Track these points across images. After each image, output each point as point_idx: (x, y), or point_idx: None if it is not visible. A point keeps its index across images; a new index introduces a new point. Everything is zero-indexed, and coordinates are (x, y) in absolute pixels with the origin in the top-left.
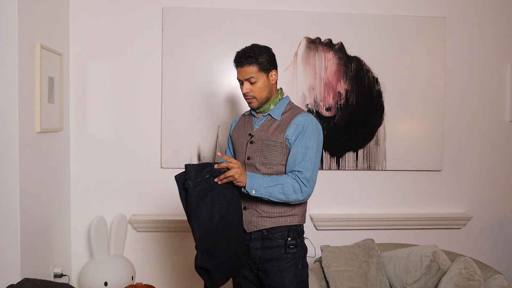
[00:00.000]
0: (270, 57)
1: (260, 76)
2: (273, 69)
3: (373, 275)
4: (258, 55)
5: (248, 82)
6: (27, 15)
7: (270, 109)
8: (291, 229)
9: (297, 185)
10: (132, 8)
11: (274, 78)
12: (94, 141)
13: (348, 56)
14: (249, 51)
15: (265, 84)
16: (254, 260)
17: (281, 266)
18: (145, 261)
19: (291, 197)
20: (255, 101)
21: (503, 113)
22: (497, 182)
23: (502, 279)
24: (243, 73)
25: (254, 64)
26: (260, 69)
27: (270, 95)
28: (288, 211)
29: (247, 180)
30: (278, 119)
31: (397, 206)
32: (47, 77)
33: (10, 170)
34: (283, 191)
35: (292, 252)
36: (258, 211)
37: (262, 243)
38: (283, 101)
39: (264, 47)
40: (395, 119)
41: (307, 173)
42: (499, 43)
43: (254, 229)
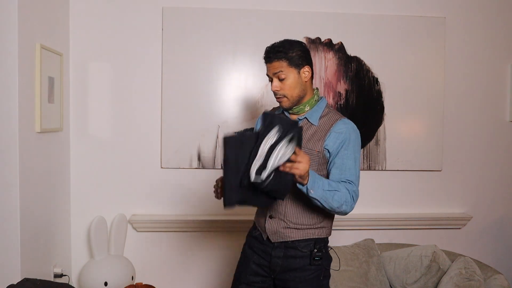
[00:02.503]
0: (303, 51)
1: (290, 72)
2: (305, 65)
3: (373, 275)
4: (288, 50)
5: (277, 79)
6: (27, 15)
7: (305, 111)
8: (317, 240)
9: (349, 198)
10: (132, 8)
11: (307, 75)
12: (94, 141)
13: (348, 56)
14: (279, 46)
15: (296, 81)
16: (274, 268)
17: (303, 277)
18: (145, 261)
19: (341, 208)
20: (285, 100)
21: (503, 113)
22: (497, 182)
23: (502, 279)
24: (271, 68)
25: (283, 59)
26: (289, 64)
27: (302, 94)
28: (317, 223)
29: (310, 177)
30: (315, 124)
31: (397, 206)
32: (47, 77)
33: (10, 170)
34: (336, 199)
35: (317, 264)
36: (286, 222)
37: (285, 252)
38: (320, 104)
39: (296, 41)
40: (395, 119)
41: (356, 188)
42: (499, 43)
43: (280, 240)
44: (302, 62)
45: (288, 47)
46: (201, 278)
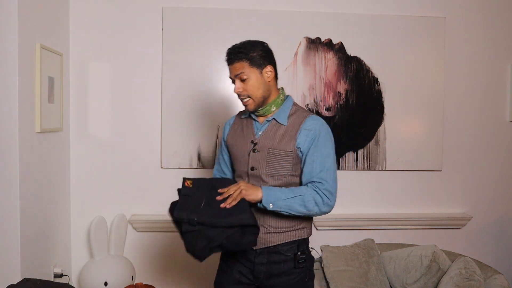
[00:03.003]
0: (264, 51)
1: (251, 72)
2: (267, 65)
3: (373, 275)
4: (249, 50)
5: (239, 80)
6: (27, 15)
7: (272, 111)
8: (300, 243)
9: (319, 198)
10: (132, 8)
11: (269, 75)
12: (94, 141)
13: (348, 56)
14: (239, 46)
15: (258, 81)
16: (258, 275)
17: (288, 282)
18: (145, 261)
19: (313, 210)
20: (250, 101)
21: (503, 113)
22: (497, 182)
23: (502, 279)
24: (233, 70)
25: (244, 59)
26: (251, 65)
27: (267, 94)
28: (298, 225)
29: (262, 193)
30: (284, 123)
31: (397, 206)
32: (47, 77)
33: (10, 170)
34: (304, 204)
35: (301, 266)
36: (266, 227)
37: (268, 258)
38: (286, 103)
39: (258, 42)
40: (395, 119)
41: (328, 185)
42: (499, 43)
43: (262, 246)
44: (264, 62)
45: (249, 48)
46: (201, 278)
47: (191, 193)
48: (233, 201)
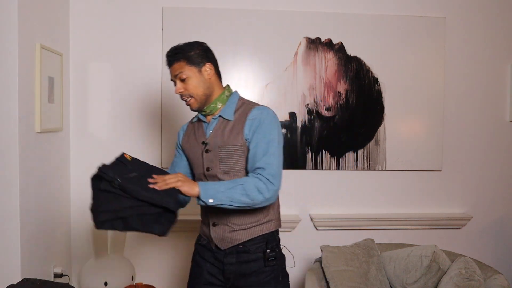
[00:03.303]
0: (202, 50)
1: (190, 71)
2: (206, 63)
3: (373, 275)
4: (186, 50)
5: (179, 80)
6: (27, 15)
7: (218, 109)
8: (269, 239)
9: (261, 184)
10: (132, 8)
11: (209, 72)
12: (94, 141)
13: (348, 56)
14: (176, 48)
15: (198, 80)
16: (228, 276)
17: (260, 281)
18: (145, 261)
19: (257, 199)
20: (193, 100)
21: (503, 113)
22: (497, 182)
23: (502, 279)
24: (172, 71)
25: (181, 59)
26: (189, 64)
27: (209, 92)
28: (263, 218)
29: (199, 188)
30: (231, 119)
31: (397, 206)
32: (47, 77)
33: (10, 170)
34: (246, 192)
35: (271, 264)
36: (230, 225)
37: (237, 258)
38: (232, 99)
39: (195, 42)
40: (395, 119)
41: (272, 169)
42: (499, 43)
43: (229, 245)
44: (202, 60)
45: (186, 48)
46: None
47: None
48: (164, 185)
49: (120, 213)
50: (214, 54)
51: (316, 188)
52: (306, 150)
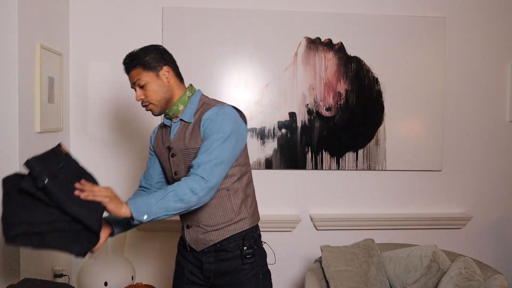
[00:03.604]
0: (158, 53)
1: (147, 77)
2: (163, 66)
3: (373, 275)
4: (142, 55)
5: (139, 87)
6: (27, 15)
7: (181, 111)
8: (245, 236)
9: (195, 184)
10: (132, 8)
11: (167, 75)
12: (94, 141)
13: (348, 56)
14: (132, 54)
15: (156, 84)
16: (208, 275)
17: (239, 279)
18: (145, 261)
19: (191, 200)
20: (153, 107)
21: (503, 113)
22: (497, 182)
23: (502, 279)
24: (131, 78)
25: (137, 65)
26: (145, 69)
27: (168, 96)
28: (235, 217)
29: (130, 208)
30: (191, 121)
31: (397, 206)
32: (47, 77)
33: (10, 170)
34: (178, 198)
35: (250, 262)
36: (202, 227)
37: (216, 256)
38: (193, 99)
39: (150, 46)
40: (395, 119)
41: (207, 165)
42: (499, 43)
43: (204, 247)
44: (158, 64)
45: (141, 54)
46: None
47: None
48: (91, 196)
49: (36, 228)
50: (171, 55)
51: (316, 188)
52: (306, 150)
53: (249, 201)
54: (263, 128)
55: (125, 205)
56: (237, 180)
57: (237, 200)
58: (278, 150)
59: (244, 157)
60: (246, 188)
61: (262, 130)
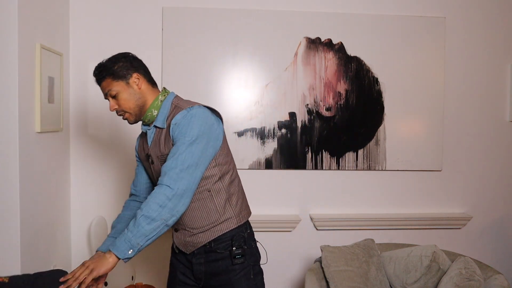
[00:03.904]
0: (127, 61)
1: (118, 86)
2: (133, 74)
3: (373, 275)
4: (110, 66)
5: (111, 98)
6: (27, 15)
7: (155, 116)
8: (234, 237)
9: (161, 196)
10: (132, 8)
11: (138, 82)
12: (94, 141)
13: (348, 56)
14: (100, 65)
15: (128, 93)
16: (198, 276)
17: (230, 280)
18: (145, 261)
19: (164, 214)
20: (127, 115)
21: (503, 113)
22: (497, 182)
23: (502, 279)
24: (102, 89)
25: (107, 76)
26: (115, 79)
27: (141, 103)
28: (220, 218)
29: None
30: (164, 127)
31: (397, 206)
32: (47, 77)
33: (10, 170)
34: (150, 219)
35: (239, 262)
36: (188, 230)
37: (206, 257)
38: (165, 103)
39: (118, 55)
40: (395, 119)
41: (173, 172)
42: (499, 43)
43: (193, 249)
44: (128, 72)
45: (109, 64)
46: None
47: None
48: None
49: None
50: (141, 61)
51: (316, 188)
52: (306, 150)
53: (234, 200)
54: (263, 128)
55: (108, 256)
56: (218, 180)
57: (220, 200)
58: (278, 150)
59: (224, 156)
60: (230, 187)
61: (262, 130)
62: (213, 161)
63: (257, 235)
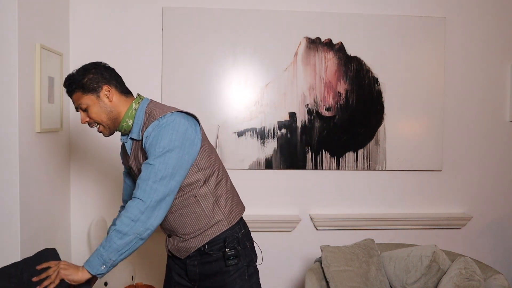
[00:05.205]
0: (96, 73)
1: (88, 100)
2: (103, 86)
3: (373, 275)
4: (79, 78)
5: (82, 111)
6: (27, 15)
7: (130, 126)
8: (227, 238)
9: (133, 210)
10: (132, 8)
11: (109, 94)
12: (94, 141)
13: (348, 56)
14: (69, 77)
15: (98, 106)
16: (193, 278)
17: (224, 281)
18: (145, 261)
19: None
20: (101, 128)
21: (503, 113)
22: (497, 182)
23: (502, 279)
24: (73, 102)
25: (76, 89)
26: (84, 92)
27: (114, 116)
28: (209, 222)
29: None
30: (139, 138)
31: (397, 206)
32: (47, 77)
33: (10, 170)
34: (121, 233)
35: (233, 264)
36: (179, 236)
37: (200, 259)
38: (139, 112)
39: (89, 65)
40: (395, 119)
41: (146, 185)
42: (499, 43)
43: (187, 254)
44: (98, 84)
45: (78, 76)
46: None
47: None
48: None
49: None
50: (113, 70)
51: (316, 188)
52: (306, 150)
53: (222, 202)
54: (263, 128)
55: (81, 269)
56: (203, 184)
57: (208, 204)
58: (278, 150)
59: (206, 160)
60: (216, 190)
61: (262, 130)
62: (195, 167)
63: (257, 235)
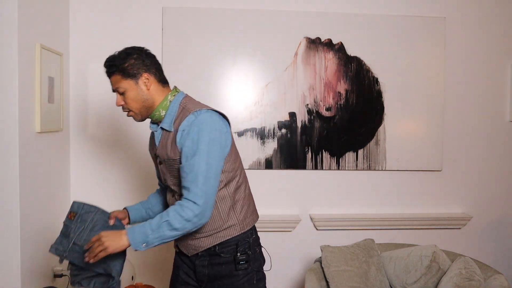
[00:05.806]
0: (138, 59)
1: (126, 85)
2: (143, 73)
3: (373, 275)
4: (121, 62)
5: (118, 93)
6: (27, 15)
7: (162, 116)
8: (239, 242)
9: (187, 211)
10: (132, 8)
11: (147, 82)
12: (94, 141)
13: (348, 56)
14: (111, 59)
15: (135, 93)
16: (201, 279)
17: (233, 284)
18: (145, 261)
19: (187, 227)
20: (132, 113)
21: (503, 113)
22: (497, 182)
23: (502, 279)
24: (111, 83)
25: (116, 72)
26: (124, 77)
27: (148, 104)
28: (223, 225)
29: (128, 237)
30: (171, 130)
31: (397, 206)
32: (47, 77)
33: (10, 170)
34: (173, 227)
35: (243, 268)
36: (191, 234)
37: (210, 260)
38: (173, 105)
39: (131, 49)
40: (395, 119)
41: (196, 187)
42: (499, 43)
43: (194, 252)
44: (138, 71)
45: (120, 60)
46: None
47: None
48: (95, 257)
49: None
50: (154, 58)
51: (316, 188)
52: (306, 150)
53: (239, 207)
54: (263, 128)
55: (123, 237)
56: (223, 187)
57: (225, 207)
58: (278, 150)
59: (231, 163)
60: (235, 194)
61: (262, 130)
62: None
63: None
